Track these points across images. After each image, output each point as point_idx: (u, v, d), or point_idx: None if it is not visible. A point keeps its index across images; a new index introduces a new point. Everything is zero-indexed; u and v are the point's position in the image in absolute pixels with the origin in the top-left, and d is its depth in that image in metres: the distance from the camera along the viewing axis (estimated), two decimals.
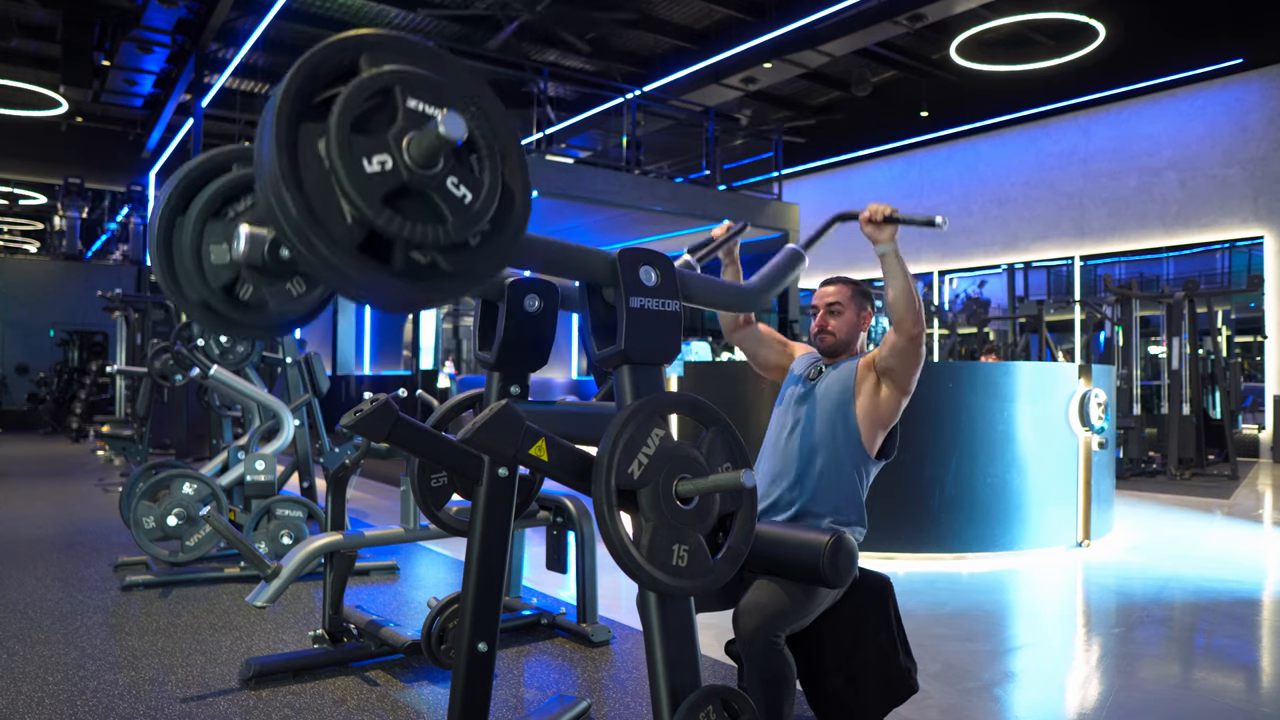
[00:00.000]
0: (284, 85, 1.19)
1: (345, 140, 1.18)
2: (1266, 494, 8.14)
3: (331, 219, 1.19)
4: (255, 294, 1.60)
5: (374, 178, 1.20)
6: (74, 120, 17.20)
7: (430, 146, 1.22)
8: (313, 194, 1.18)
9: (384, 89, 1.23)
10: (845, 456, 2.30)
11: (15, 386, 16.48)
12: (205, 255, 1.58)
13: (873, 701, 2.27)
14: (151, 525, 4.29)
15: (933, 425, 4.93)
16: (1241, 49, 11.32)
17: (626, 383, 1.73)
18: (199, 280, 1.58)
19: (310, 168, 1.19)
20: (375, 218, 1.19)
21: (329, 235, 1.19)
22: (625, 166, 11.46)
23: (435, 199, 1.25)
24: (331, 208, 1.20)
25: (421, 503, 2.20)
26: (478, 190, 1.30)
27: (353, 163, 1.18)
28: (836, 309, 2.43)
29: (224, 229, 1.58)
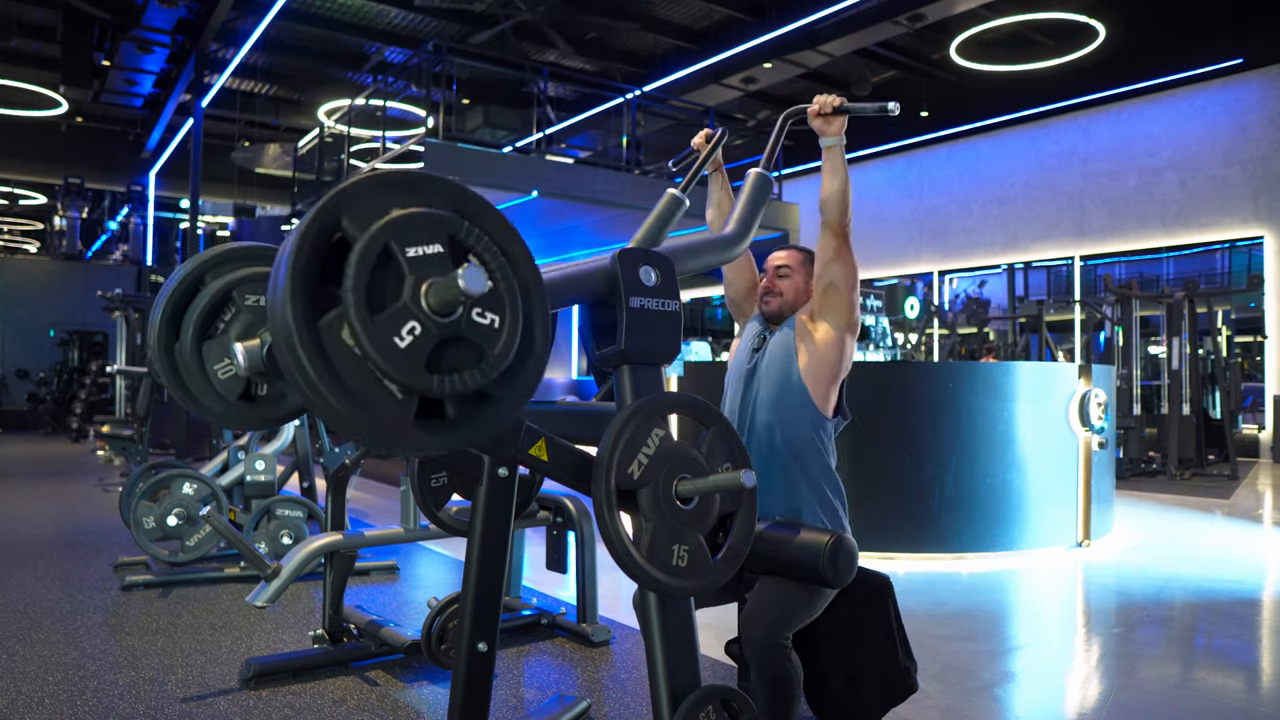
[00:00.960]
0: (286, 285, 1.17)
1: (369, 326, 1.17)
2: (1266, 494, 8.14)
3: (379, 401, 1.20)
4: (272, 389, 1.64)
5: (409, 349, 1.19)
6: (74, 120, 17.20)
7: (451, 299, 1.21)
8: (355, 385, 1.18)
9: (381, 251, 1.21)
10: (802, 421, 2.21)
11: (15, 387, 16.48)
12: (212, 375, 1.61)
13: (872, 701, 2.27)
14: (151, 525, 4.29)
15: (933, 425, 4.93)
16: (1241, 49, 11.32)
17: (626, 383, 1.73)
18: (214, 395, 1.62)
19: (343, 358, 1.18)
20: (425, 388, 1.20)
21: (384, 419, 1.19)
22: (625, 166, 11.45)
23: (469, 338, 1.26)
24: (375, 390, 1.19)
25: (421, 503, 2.21)
26: (500, 310, 1.30)
27: (385, 345, 1.17)
28: (785, 272, 2.38)
29: (219, 347, 1.62)
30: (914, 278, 15.24)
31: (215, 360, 1.61)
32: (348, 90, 14.47)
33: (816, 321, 2.27)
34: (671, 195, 2.13)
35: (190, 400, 1.62)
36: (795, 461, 2.22)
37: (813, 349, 2.24)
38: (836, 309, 2.24)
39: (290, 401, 1.64)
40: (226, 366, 1.61)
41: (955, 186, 14.69)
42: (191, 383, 1.61)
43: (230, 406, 1.62)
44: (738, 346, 2.46)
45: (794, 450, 2.22)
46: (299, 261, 1.18)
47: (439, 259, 1.24)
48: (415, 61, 11.29)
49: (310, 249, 1.20)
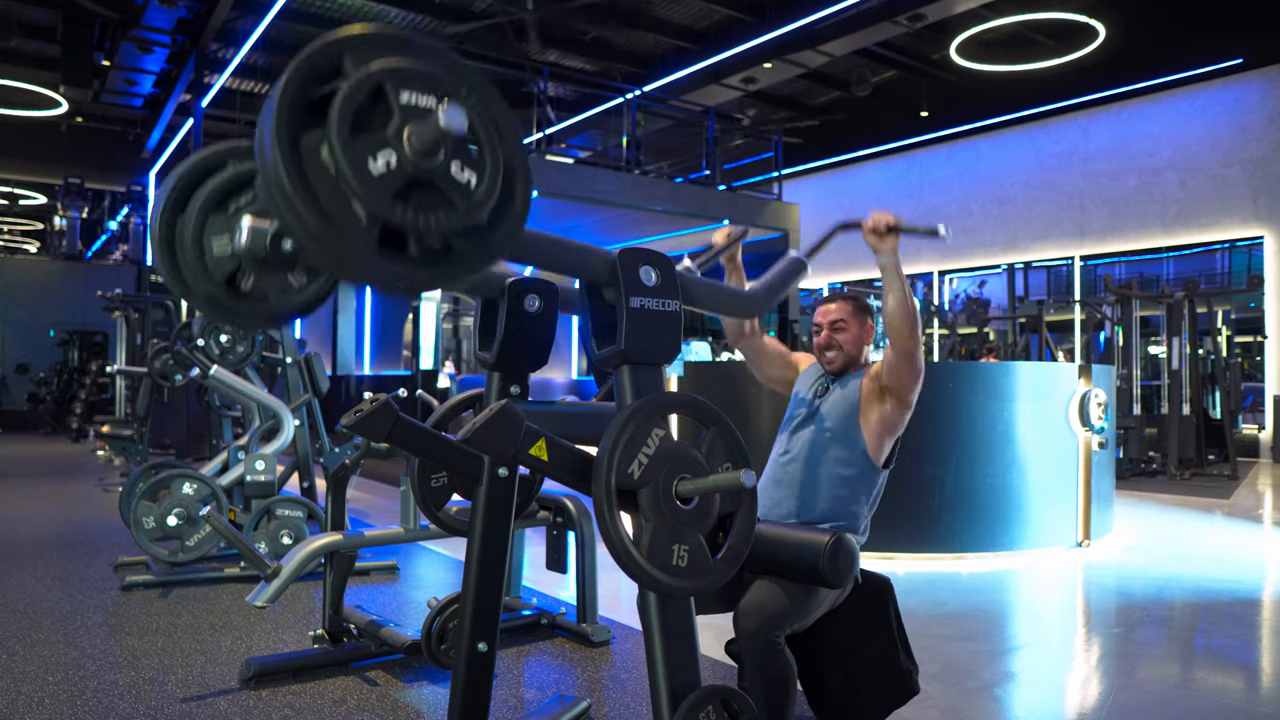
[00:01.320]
0: (276, 100, 1.22)
1: (348, 145, 1.21)
2: (1266, 494, 8.14)
3: (348, 222, 1.23)
4: (257, 285, 1.62)
5: (382, 177, 1.23)
6: (74, 120, 17.20)
7: (432, 139, 1.25)
8: (327, 203, 1.22)
9: (375, 88, 1.25)
10: (852, 468, 2.30)
11: (15, 386, 16.48)
12: (208, 248, 1.60)
13: (873, 702, 2.27)
14: (151, 525, 4.29)
15: (933, 425, 4.93)
16: (1241, 49, 11.32)
17: (626, 383, 1.73)
18: (201, 273, 1.60)
19: (319, 178, 1.22)
20: (389, 215, 1.23)
21: (348, 240, 1.22)
22: (625, 166, 11.46)
23: (442, 187, 1.29)
24: (345, 211, 1.23)
25: (421, 503, 2.21)
26: (481, 172, 1.33)
27: (359, 165, 1.21)
28: (840, 326, 2.42)
29: (226, 222, 1.60)
30: (914, 278, 15.24)
31: (217, 233, 1.60)
32: None
33: (883, 392, 2.32)
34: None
35: (174, 273, 1.60)
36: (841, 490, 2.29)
37: (874, 411, 2.31)
38: (899, 397, 2.31)
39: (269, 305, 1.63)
40: (225, 243, 1.60)
41: (955, 186, 14.69)
42: (183, 252, 1.60)
43: (213, 290, 1.60)
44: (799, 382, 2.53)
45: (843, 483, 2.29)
46: (295, 79, 1.23)
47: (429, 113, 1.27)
48: None
49: (306, 72, 1.24)
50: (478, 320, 2.06)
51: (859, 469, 2.31)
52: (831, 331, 2.43)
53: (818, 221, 15.93)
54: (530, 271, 1.87)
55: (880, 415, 2.31)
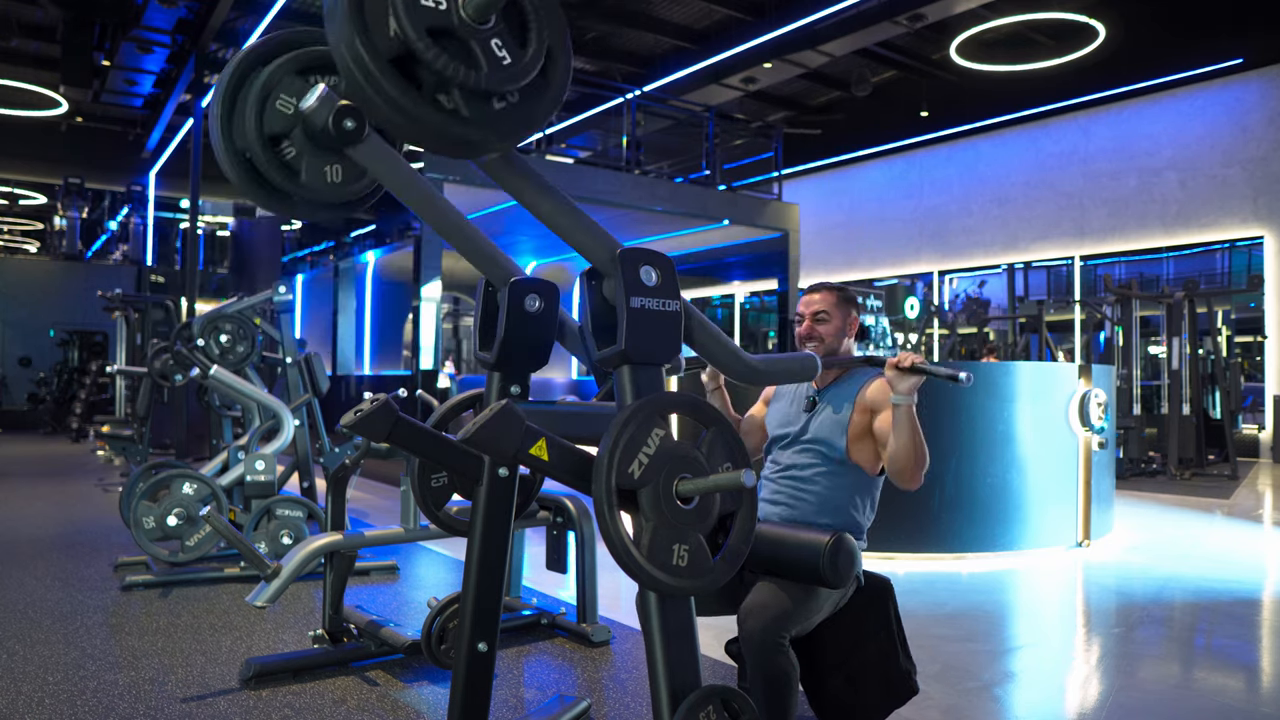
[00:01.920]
0: None
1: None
2: (1266, 494, 8.14)
3: (378, 28, 1.30)
4: (295, 158, 1.65)
5: (425, 10, 1.30)
6: (74, 120, 17.20)
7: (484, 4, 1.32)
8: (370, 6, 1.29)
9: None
10: (846, 482, 2.29)
11: (16, 384, 16.47)
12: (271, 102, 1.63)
13: (873, 702, 2.27)
14: (151, 525, 4.29)
15: (933, 425, 4.91)
16: (1241, 49, 11.32)
17: (626, 383, 1.73)
18: (254, 123, 1.63)
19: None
20: (416, 40, 1.29)
21: (370, 40, 1.29)
22: (625, 166, 11.45)
23: (476, 50, 1.35)
24: (380, 21, 1.30)
25: (421, 503, 2.20)
26: (518, 57, 1.39)
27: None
28: (823, 317, 2.38)
29: (300, 86, 1.65)
30: (914, 278, 15.24)
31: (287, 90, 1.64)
32: None
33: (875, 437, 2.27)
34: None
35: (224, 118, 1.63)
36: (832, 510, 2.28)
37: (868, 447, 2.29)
38: None
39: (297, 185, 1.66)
40: (290, 101, 1.63)
41: (955, 186, 14.69)
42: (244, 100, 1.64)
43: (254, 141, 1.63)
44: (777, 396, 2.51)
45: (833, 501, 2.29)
46: None
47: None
48: None
49: None
50: (478, 320, 2.06)
51: (854, 480, 2.30)
52: (813, 322, 2.38)
53: (818, 221, 15.96)
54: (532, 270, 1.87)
55: (873, 450, 2.28)
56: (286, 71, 1.65)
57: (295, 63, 1.66)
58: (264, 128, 1.62)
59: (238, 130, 1.64)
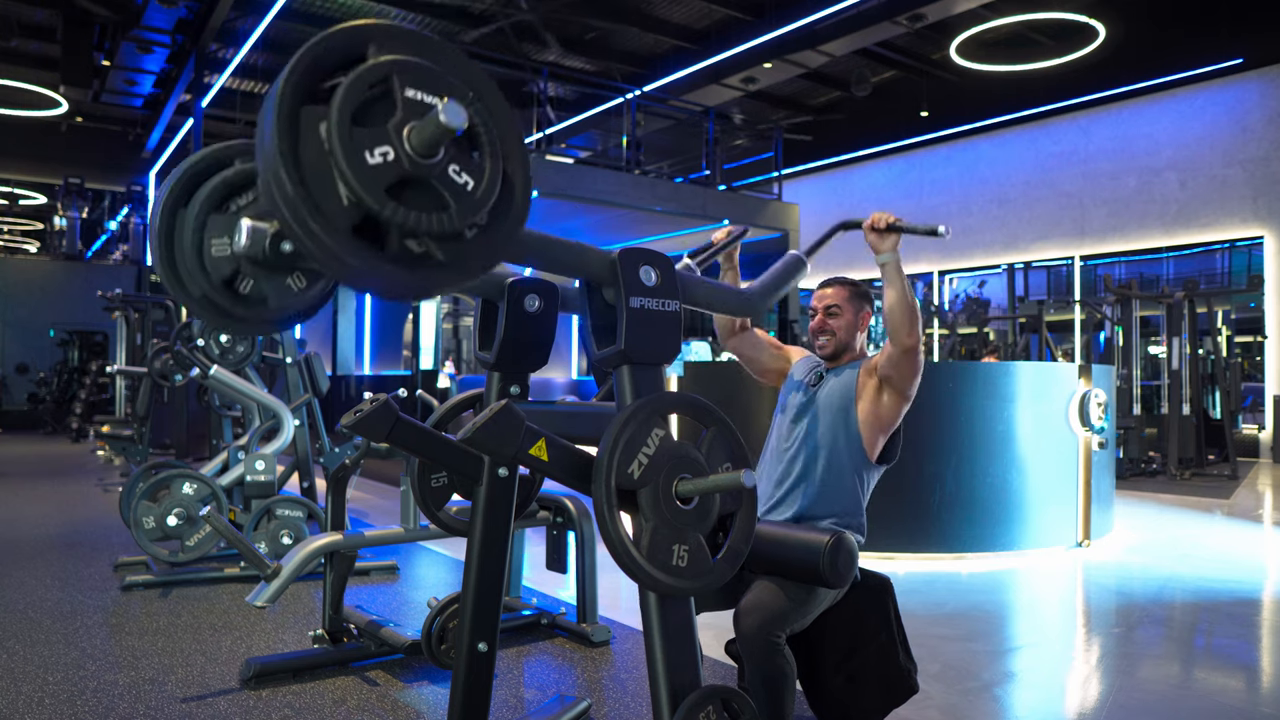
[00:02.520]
0: (289, 68, 1.20)
1: (346, 129, 1.19)
2: (1266, 494, 8.14)
3: (328, 200, 1.20)
4: (255, 288, 1.60)
5: (377, 169, 1.21)
6: (74, 120, 17.20)
7: (431, 136, 1.23)
8: (311, 175, 1.20)
9: (383, 78, 1.24)
10: (846, 461, 2.30)
11: (16, 384, 16.48)
12: (206, 249, 1.58)
13: (873, 701, 2.27)
14: (151, 525, 4.29)
15: (933, 425, 4.93)
16: (1241, 49, 11.32)
17: (626, 383, 1.73)
18: (200, 274, 1.58)
19: (310, 148, 1.20)
20: (379, 208, 1.21)
21: (324, 216, 1.20)
22: (625, 166, 11.46)
23: (437, 186, 1.27)
24: (328, 190, 1.21)
25: (421, 503, 2.20)
26: (479, 177, 1.31)
27: (354, 152, 1.20)
28: (835, 311, 2.42)
29: (226, 222, 1.59)
30: (914, 278, 15.24)
31: (216, 234, 1.58)
32: None
33: (880, 383, 2.30)
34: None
35: (171, 273, 1.59)
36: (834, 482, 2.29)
37: (872, 401, 2.31)
38: (898, 390, 2.29)
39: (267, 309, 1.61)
40: (224, 244, 1.57)
41: (955, 186, 14.69)
42: (181, 252, 1.58)
43: (209, 291, 1.58)
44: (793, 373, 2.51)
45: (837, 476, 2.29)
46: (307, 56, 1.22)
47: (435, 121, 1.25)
48: None
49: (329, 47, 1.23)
50: (478, 320, 2.06)
51: (855, 463, 2.31)
52: (826, 316, 2.42)
53: (818, 221, 15.93)
54: (530, 271, 1.87)
55: (876, 409, 2.30)
56: (207, 211, 1.59)
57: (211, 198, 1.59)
58: (212, 278, 1.57)
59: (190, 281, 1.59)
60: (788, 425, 2.39)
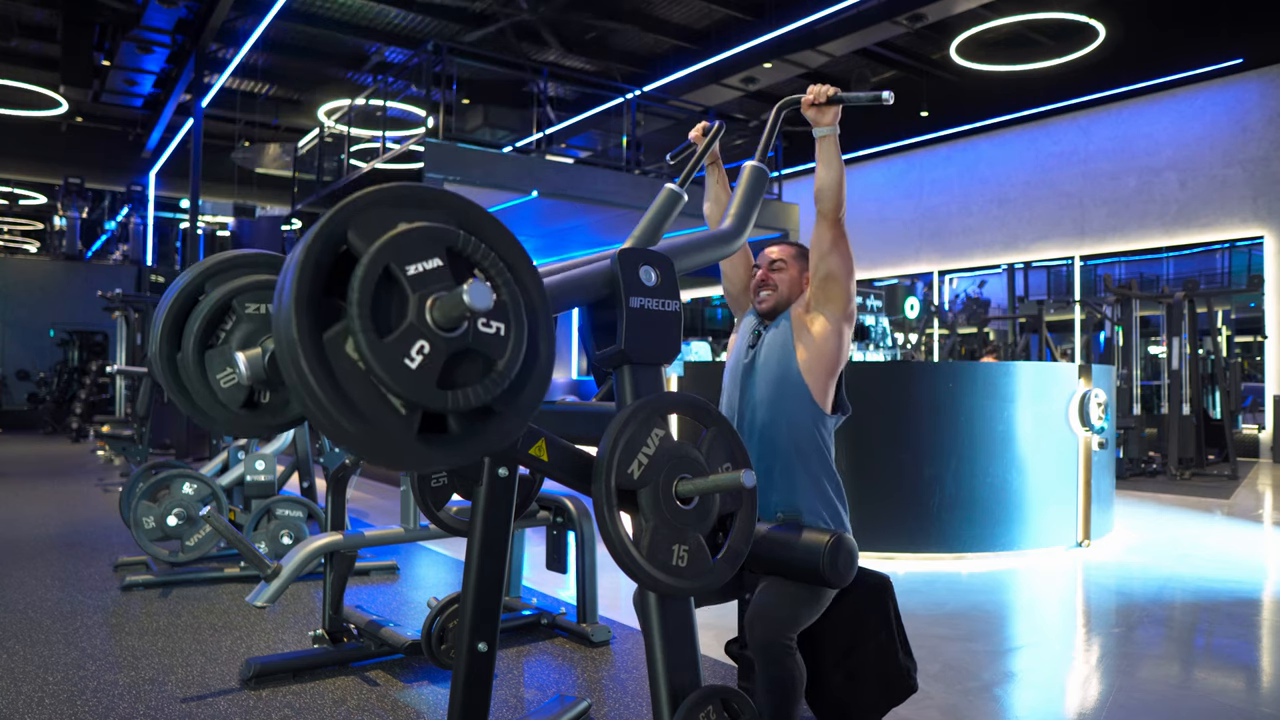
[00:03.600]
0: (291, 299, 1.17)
1: (379, 349, 1.17)
2: (1266, 494, 8.14)
3: (384, 417, 1.18)
4: (275, 397, 1.65)
5: (421, 370, 1.19)
6: (74, 120, 17.20)
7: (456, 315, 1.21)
8: (362, 402, 1.17)
9: (383, 273, 1.20)
10: (802, 417, 2.20)
11: (16, 384, 16.48)
12: (214, 384, 1.62)
13: (872, 701, 2.27)
14: (151, 525, 4.29)
15: (933, 425, 4.93)
16: (1241, 49, 11.32)
17: (626, 383, 1.73)
18: (218, 405, 1.63)
19: (349, 375, 1.18)
20: (440, 405, 1.19)
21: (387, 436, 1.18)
22: (625, 166, 11.45)
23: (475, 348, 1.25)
24: (380, 404, 1.19)
25: (421, 503, 2.21)
26: (506, 318, 1.29)
27: (395, 366, 1.17)
28: (779, 266, 2.36)
29: (221, 356, 1.63)
30: (914, 278, 15.24)
31: (218, 370, 1.62)
32: (348, 90, 14.46)
33: (813, 314, 2.25)
34: (669, 190, 2.14)
35: (195, 410, 1.63)
36: (796, 458, 2.21)
37: (810, 343, 2.22)
38: (834, 300, 2.22)
39: (293, 409, 1.65)
40: (229, 375, 1.61)
41: (955, 186, 14.69)
42: (195, 393, 1.62)
43: (234, 415, 1.63)
44: (734, 343, 2.45)
45: (794, 447, 2.21)
46: (304, 275, 1.18)
47: (439, 273, 1.24)
48: (415, 61, 11.29)
49: (315, 263, 1.20)
50: None
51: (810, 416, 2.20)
52: (770, 271, 2.37)
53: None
54: None
55: (816, 345, 2.20)
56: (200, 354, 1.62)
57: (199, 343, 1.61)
58: (231, 406, 1.62)
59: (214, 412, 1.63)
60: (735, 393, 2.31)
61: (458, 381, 1.23)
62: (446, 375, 1.22)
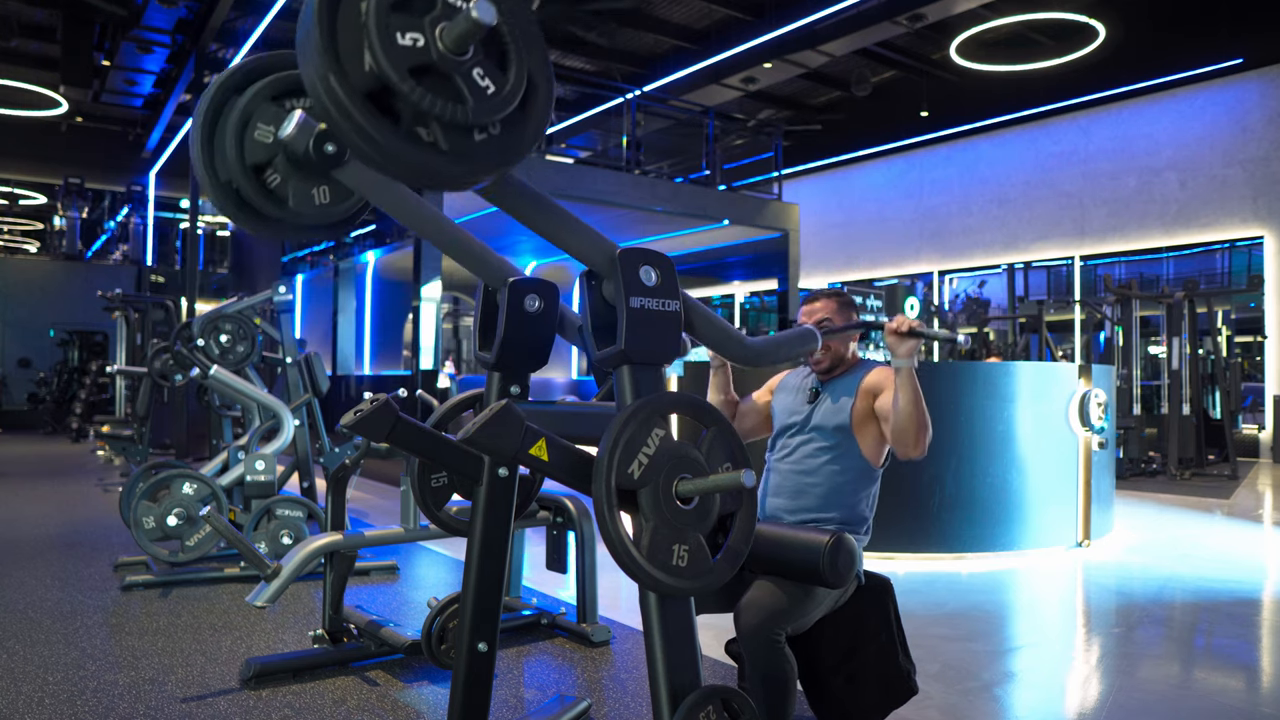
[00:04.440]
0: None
1: (385, 9, 1.25)
2: (1266, 494, 8.14)
3: (352, 63, 1.26)
4: (281, 186, 1.63)
5: (404, 50, 1.26)
6: (74, 120, 17.20)
7: (462, 32, 1.27)
8: (342, 40, 1.26)
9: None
10: (850, 470, 2.31)
11: (16, 384, 16.47)
12: (250, 131, 1.61)
13: (872, 702, 2.27)
14: (151, 525, 4.29)
15: (933, 425, 4.92)
16: (1241, 49, 11.32)
17: (626, 383, 1.73)
18: (235, 155, 1.61)
19: (348, 20, 1.26)
20: (396, 80, 1.25)
21: (345, 76, 1.25)
22: (625, 166, 11.45)
23: (458, 82, 1.31)
24: (355, 58, 1.26)
25: (421, 503, 2.20)
26: (500, 85, 1.35)
27: (386, 30, 1.25)
28: (826, 322, 2.37)
29: (276, 113, 1.63)
30: (914, 278, 15.24)
31: (264, 119, 1.62)
32: None
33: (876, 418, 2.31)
34: None
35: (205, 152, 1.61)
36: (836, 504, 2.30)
37: (870, 431, 2.32)
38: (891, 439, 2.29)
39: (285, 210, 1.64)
40: (268, 130, 1.61)
41: (955, 186, 14.69)
42: (221, 133, 1.61)
43: (238, 173, 1.61)
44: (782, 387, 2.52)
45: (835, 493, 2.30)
46: None
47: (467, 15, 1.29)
48: None
49: None
50: (478, 320, 2.06)
51: (857, 472, 2.32)
52: None
53: (818, 221, 15.95)
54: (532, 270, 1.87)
55: (875, 434, 2.33)
56: (262, 99, 1.63)
57: (270, 89, 1.63)
58: (246, 159, 1.60)
59: (220, 162, 1.62)
60: (784, 443, 2.39)
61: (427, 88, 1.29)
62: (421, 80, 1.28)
